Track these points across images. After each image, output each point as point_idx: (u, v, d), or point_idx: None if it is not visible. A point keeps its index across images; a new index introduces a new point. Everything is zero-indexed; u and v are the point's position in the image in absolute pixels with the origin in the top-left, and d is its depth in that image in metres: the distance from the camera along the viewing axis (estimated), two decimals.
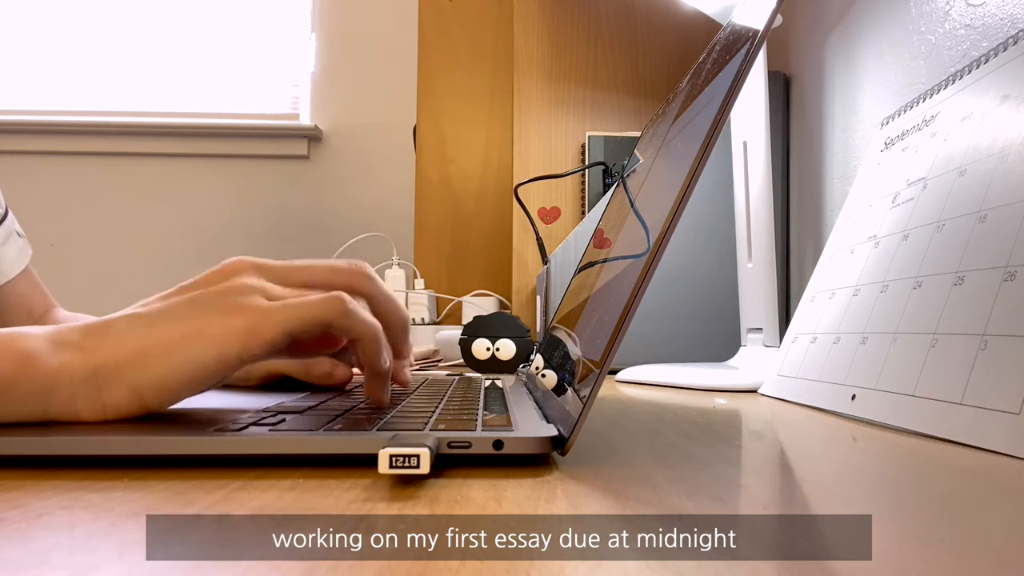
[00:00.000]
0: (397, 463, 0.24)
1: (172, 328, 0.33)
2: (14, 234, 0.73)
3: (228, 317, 0.33)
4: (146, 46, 2.46)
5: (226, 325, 0.33)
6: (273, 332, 0.33)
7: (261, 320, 0.33)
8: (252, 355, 0.33)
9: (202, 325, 0.33)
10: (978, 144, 0.46)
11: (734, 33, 0.35)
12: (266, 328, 0.33)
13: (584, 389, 0.29)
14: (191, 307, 0.34)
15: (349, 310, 0.35)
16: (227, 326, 0.33)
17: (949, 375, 0.38)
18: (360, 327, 0.36)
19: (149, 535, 0.19)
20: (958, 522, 0.21)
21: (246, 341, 0.33)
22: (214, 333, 0.33)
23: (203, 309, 0.34)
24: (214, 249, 2.45)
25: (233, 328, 0.33)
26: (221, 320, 0.33)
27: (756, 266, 0.77)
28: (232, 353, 0.33)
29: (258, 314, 0.34)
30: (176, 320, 0.34)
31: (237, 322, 0.33)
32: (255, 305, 0.34)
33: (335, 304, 0.35)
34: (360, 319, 0.36)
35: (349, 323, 0.35)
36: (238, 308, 0.34)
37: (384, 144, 2.45)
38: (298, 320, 0.34)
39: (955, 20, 0.66)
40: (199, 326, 0.33)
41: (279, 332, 0.34)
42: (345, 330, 0.35)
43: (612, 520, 0.21)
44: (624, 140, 1.28)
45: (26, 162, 2.43)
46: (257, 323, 0.33)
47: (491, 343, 0.83)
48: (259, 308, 0.34)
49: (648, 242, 0.29)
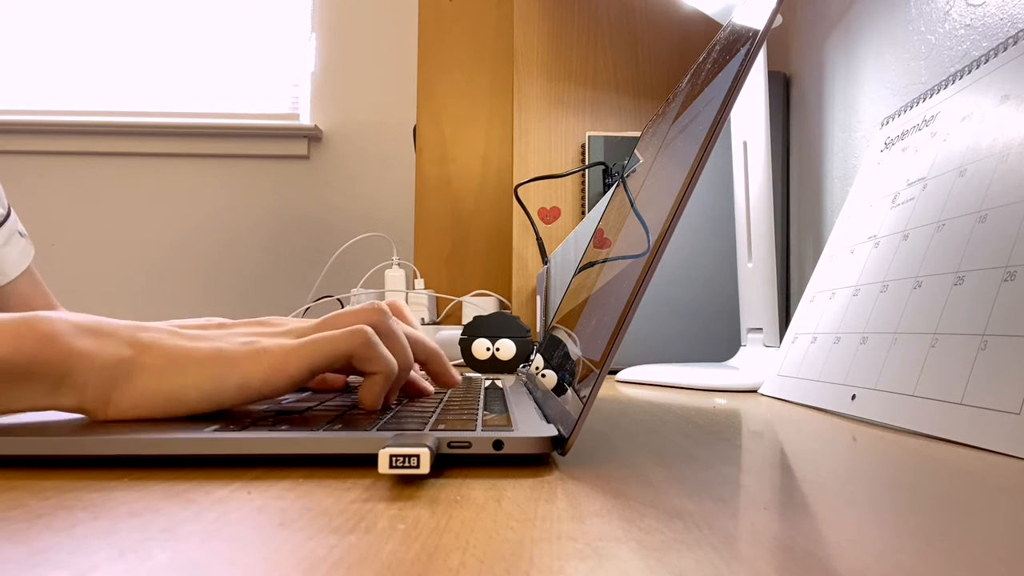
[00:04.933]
0: (397, 463, 0.24)
1: (202, 345, 0.34)
2: (16, 234, 0.73)
3: (258, 352, 0.35)
4: (146, 46, 2.46)
5: (254, 358, 0.34)
6: (296, 369, 0.35)
7: (286, 357, 0.35)
8: (274, 391, 0.35)
9: (231, 352, 0.34)
10: (978, 144, 0.46)
11: (734, 33, 0.35)
12: (291, 365, 0.35)
13: (584, 389, 0.29)
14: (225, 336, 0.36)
15: (371, 342, 0.36)
16: (255, 359, 0.34)
17: (949, 375, 0.38)
18: (379, 363, 0.36)
19: (149, 535, 0.19)
20: (958, 522, 0.21)
21: (270, 375, 0.34)
22: (240, 362, 0.34)
23: (235, 341, 0.36)
24: (214, 249, 2.45)
25: (260, 363, 0.34)
26: (250, 353, 0.35)
27: (756, 266, 0.77)
28: (254, 385, 0.34)
29: (284, 352, 0.35)
30: (207, 341, 0.35)
31: (264, 359, 0.34)
32: (283, 344, 0.35)
33: (358, 336, 0.36)
34: (381, 353, 0.36)
35: (370, 354, 0.36)
36: (269, 347, 0.35)
37: (384, 144, 2.45)
38: (322, 355, 0.35)
39: (955, 20, 0.66)
40: (228, 352, 0.34)
41: (301, 369, 0.35)
42: (365, 361, 0.36)
43: (612, 520, 0.21)
44: (624, 140, 1.28)
45: (26, 162, 2.43)
46: (283, 360, 0.35)
47: (491, 343, 0.83)
48: (285, 346, 0.35)
49: (648, 242, 0.29)
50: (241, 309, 2.41)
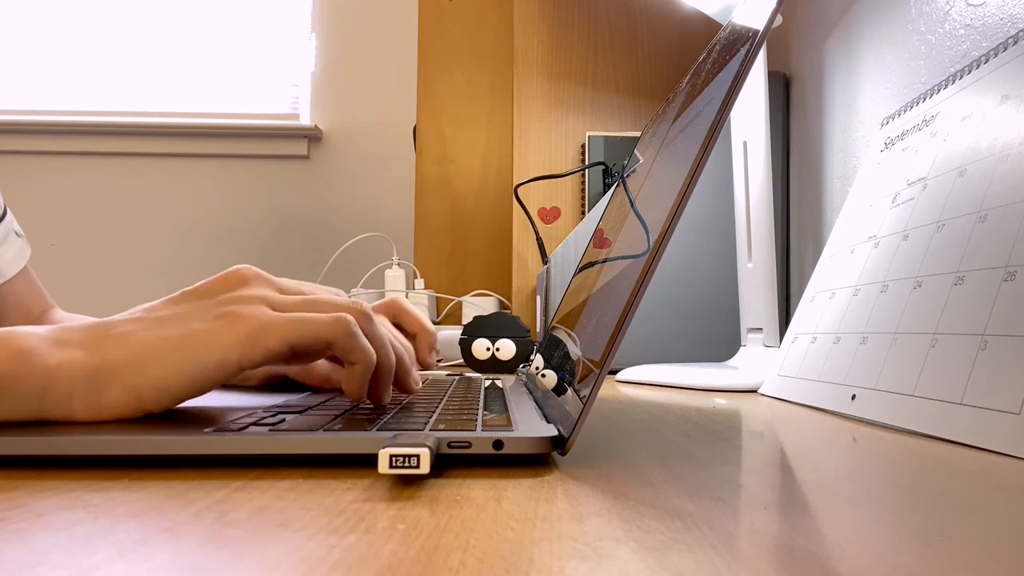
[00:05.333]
0: (397, 463, 0.24)
1: (174, 331, 0.34)
2: (12, 234, 0.73)
3: (231, 324, 0.34)
4: (146, 46, 2.46)
5: (228, 331, 0.33)
6: (275, 341, 0.34)
7: (264, 329, 0.34)
8: (252, 362, 0.34)
9: (205, 330, 0.34)
10: (978, 144, 0.46)
11: (734, 33, 0.35)
12: (268, 337, 0.34)
13: (584, 389, 0.29)
14: (195, 312, 0.35)
15: (353, 333, 0.35)
16: (229, 332, 0.33)
17: (949, 375, 0.38)
18: (359, 354, 0.36)
19: (149, 535, 0.19)
20: (958, 522, 0.21)
21: (247, 348, 0.33)
22: (216, 338, 0.33)
23: (207, 315, 0.34)
24: (214, 249, 2.45)
25: (235, 335, 0.33)
26: (224, 326, 0.34)
27: (756, 266, 0.77)
28: (232, 359, 0.33)
29: (261, 323, 0.34)
30: (178, 324, 0.34)
31: (239, 329, 0.34)
32: (259, 314, 0.34)
33: (341, 325, 0.35)
34: (361, 344, 0.36)
35: (351, 345, 0.35)
36: (241, 316, 0.34)
37: (384, 144, 2.45)
38: (301, 334, 0.34)
39: (955, 20, 0.66)
40: (202, 331, 0.33)
41: (281, 342, 0.34)
42: (345, 351, 0.36)
43: (612, 520, 0.21)
44: (624, 140, 1.28)
45: (26, 162, 2.43)
46: (260, 331, 0.34)
47: (491, 343, 0.83)
48: (262, 317, 0.34)
49: (648, 242, 0.29)
50: None
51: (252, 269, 0.38)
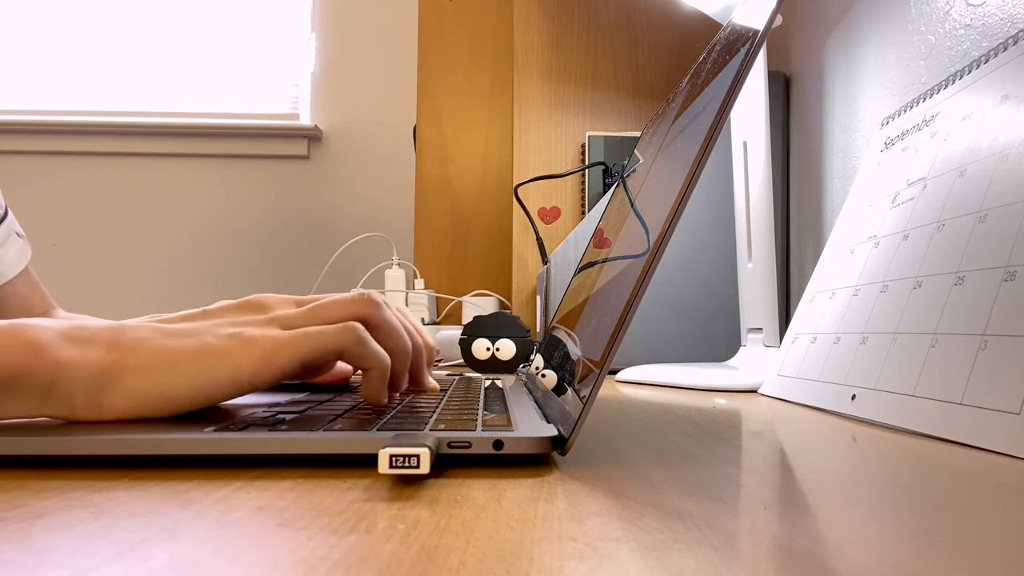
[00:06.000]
0: (397, 463, 0.24)
1: (188, 343, 0.34)
2: (13, 234, 0.73)
3: (244, 344, 0.34)
4: (146, 46, 2.46)
5: (242, 351, 0.34)
6: (287, 361, 0.34)
7: (276, 349, 0.34)
8: (264, 382, 0.34)
9: (220, 347, 0.34)
10: (978, 144, 0.46)
11: (734, 33, 0.35)
12: (280, 357, 0.34)
13: (584, 389, 0.29)
14: (209, 328, 0.35)
15: (362, 339, 0.36)
16: (243, 352, 0.34)
17: (949, 375, 0.38)
18: (371, 359, 0.36)
19: (149, 535, 0.19)
20: (958, 522, 0.21)
21: (260, 367, 0.34)
22: (230, 356, 0.34)
23: (221, 332, 0.35)
24: (214, 249, 2.45)
25: (248, 355, 0.34)
26: (237, 345, 0.34)
27: (756, 266, 0.77)
28: (244, 377, 0.34)
29: (274, 343, 0.34)
30: (193, 336, 0.34)
31: (252, 351, 0.34)
32: (272, 335, 0.35)
33: (350, 334, 0.36)
34: (372, 350, 0.36)
35: (361, 352, 0.36)
36: (254, 338, 0.35)
37: (384, 144, 2.45)
38: (312, 349, 0.35)
39: (955, 20, 0.66)
40: (217, 347, 0.34)
41: (292, 361, 0.34)
42: (356, 359, 0.36)
43: (612, 520, 0.21)
44: (624, 140, 1.28)
45: (26, 162, 2.43)
46: (272, 352, 0.34)
47: (491, 343, 0.83)
48: (276, 338, 0.35)
49: (648, 242, 0.29)
50: None
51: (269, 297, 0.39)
